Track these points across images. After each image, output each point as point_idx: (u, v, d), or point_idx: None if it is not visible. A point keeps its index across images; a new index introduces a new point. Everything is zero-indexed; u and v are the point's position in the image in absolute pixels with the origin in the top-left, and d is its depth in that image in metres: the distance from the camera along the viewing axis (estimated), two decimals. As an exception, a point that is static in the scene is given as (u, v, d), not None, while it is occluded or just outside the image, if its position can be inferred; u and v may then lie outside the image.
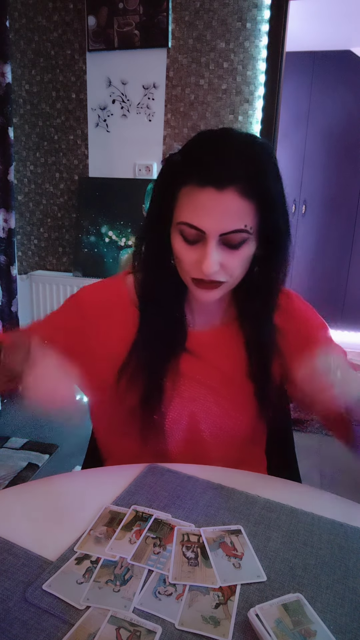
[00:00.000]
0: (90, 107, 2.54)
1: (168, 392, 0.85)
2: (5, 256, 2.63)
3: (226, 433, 0.90)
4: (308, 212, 3.82)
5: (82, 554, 0.64)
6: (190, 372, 0.86)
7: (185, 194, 0.71)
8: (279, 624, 0.54)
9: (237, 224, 0.69)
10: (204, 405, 0.88)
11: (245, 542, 0.67)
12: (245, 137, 0.73)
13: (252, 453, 0.98)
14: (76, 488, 0.78)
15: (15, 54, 2.57)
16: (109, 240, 2.55)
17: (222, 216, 0.69)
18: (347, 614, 0.57)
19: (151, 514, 0.72)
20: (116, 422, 0.89)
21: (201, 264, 0.71)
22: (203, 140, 0.73)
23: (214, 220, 0.69)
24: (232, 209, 0.69)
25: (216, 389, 0.87)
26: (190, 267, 0.74)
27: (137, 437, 0.87)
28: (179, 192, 0.72)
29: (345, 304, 3.89)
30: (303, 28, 2.76)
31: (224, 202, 0.68)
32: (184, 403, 0.87)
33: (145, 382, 0.84)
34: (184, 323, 0.87)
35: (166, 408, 0.86)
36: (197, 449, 0.90)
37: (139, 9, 2.31)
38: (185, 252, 0.74)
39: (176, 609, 0.56)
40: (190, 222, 0.70)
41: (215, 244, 0.70)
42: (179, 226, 0.72)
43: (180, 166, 0.72)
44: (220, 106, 2.34)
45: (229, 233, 0.70)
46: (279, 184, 0.74)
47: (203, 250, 0.71)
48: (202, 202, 0.69)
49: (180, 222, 0.72)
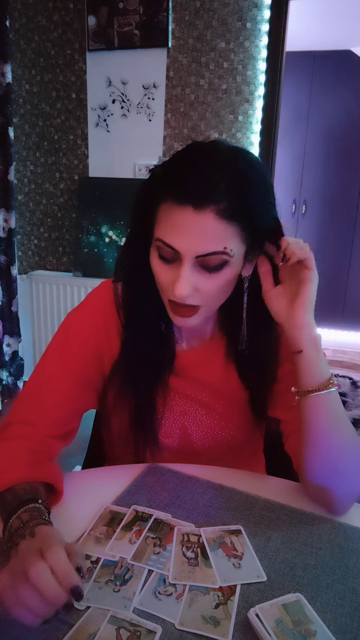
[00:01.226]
0: (90, 107, 2.54)
1: (159, 407, 0.85)
2: (5, 256, 2.62)
3: (219, 443, 0.89)
4: (308, 212, 3.82)
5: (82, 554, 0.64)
6: (179, 388, 0.85)
7: (164, 210, 0.67)
8: (279, 624, 0.54)
9: (215, 246, 0.65)
10: (194, 418, 0.87)
11: (245, 542, 0.67)
12: (230, 151, 0.68)
13: (248, 458, 0.98)
14: (76, 488, 0.78)
15: (15, 53, 2.57)
16: (109, 240, 2.54)
17: (199, 237, 0.65)
18: (347, 614, 0.57)
19: (151, 514, 0.71)
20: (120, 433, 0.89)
21: (173, 286, 0.67)
22: (187, 154, 0.69)
23: (190, 241, 0.65)
24: (211, 230, 0.64)
25: (206, 402, 0.86)
26: (166, 287, 0.70)
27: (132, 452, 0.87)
28: (158, 208, 0.68)
29: (345, 304, 3.89)
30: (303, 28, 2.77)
31: (202, 223, 0.64)
32: (174, 417, 0.87)
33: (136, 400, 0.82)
34: (172, 342, 0.84)
35: (158, 423, 0.85)
36: (192, 460, 0.89)
37: (139, 8, 2.31)
38: (161, 271, 0.70)
39: (176, 609, 0.56)
40: (166, 241, 0.67)
41: (190, 266, 0.66)
42: (156, 243, 0.69)
43: (161, 180, 0.69)
44: (220, 106, 2.34)
45: (205, 255, 0.66)
46: (267, 200, 0.70)
47: (177, 273, 0.67)
48: (179, 221, 0.65)
49: (157, 238, 0.68)
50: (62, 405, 0.80)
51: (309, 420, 0.71)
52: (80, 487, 0.79)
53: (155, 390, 0.83)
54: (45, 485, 0.72)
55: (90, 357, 0.82)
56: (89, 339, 0.82)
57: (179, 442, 0.89)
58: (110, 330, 0.82)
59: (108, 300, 0.83)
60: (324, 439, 0.71)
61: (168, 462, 0.90)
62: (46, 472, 0.72)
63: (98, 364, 0.83)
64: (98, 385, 0.85)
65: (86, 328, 0.82)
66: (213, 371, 0.85)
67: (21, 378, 2.83)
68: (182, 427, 0.88)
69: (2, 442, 0.75)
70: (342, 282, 3.88)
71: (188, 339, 0.86)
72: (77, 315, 0.84)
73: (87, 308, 0.84)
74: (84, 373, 0.82)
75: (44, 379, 0.80)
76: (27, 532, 0.57)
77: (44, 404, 0.79)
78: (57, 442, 0.80)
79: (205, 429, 0.88)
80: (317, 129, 3.68)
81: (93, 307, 0.84)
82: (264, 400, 0.85)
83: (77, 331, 0.82)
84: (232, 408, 0.87)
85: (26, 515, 0.61)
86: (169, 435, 0.88)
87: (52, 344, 0.82)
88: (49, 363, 0.81)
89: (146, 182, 0.72)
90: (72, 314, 0.85)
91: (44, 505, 0.65)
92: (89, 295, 0.86)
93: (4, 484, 0.68)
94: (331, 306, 3.84)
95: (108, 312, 0.82)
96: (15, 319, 2.72)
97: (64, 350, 0.81)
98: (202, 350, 0.85)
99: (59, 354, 0.81)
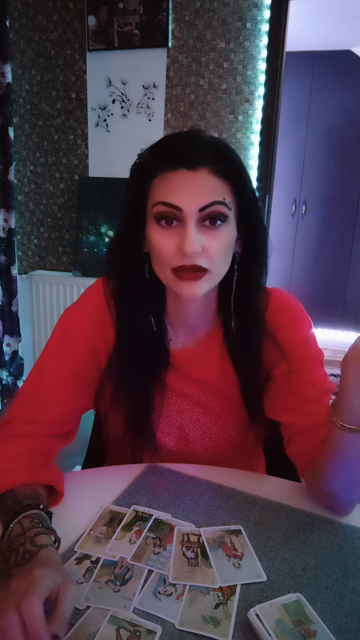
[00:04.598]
0: (90, 107, 2.54)
1: (157, 405, 0.85)
2: (5, 256, 2.62)
3: (217, 443, 0.89)
4: (308, 212, 3.82)
5: (82, 554, 0.64)
6: (176, 386, 0.85)
7: (158, 182, 0.70)
8: (279, 624, 0.54)
9: (214, 196, 0.68)
10: (191, 417, 0.87)
11: (245, 542, 0.67)
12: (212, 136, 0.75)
13: (249, 456, 0.97)
14: (76, 488, 0.78)
15: (15, 53, 2.57)
16: (108, 240, 2.54)
17: (198, 192, 0.67)
18: (347, 614, 0.57)
19: (151, 514, 0.71)
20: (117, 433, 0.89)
21: (182, 246, 0.68)
22: (170, 135, 0.75)
23: (190, 196, 0.67)
24: (208, 184, 0.68)
25: (203, 401, 0.86)
26: (169, 255, 0.70)
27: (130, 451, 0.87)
28: (152, 181, 0.71)
29: (345, 304, 3.89)
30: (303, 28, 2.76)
31: (199, 180, 0.68)
32: (172, 416, 0.87)
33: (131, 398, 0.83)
34: (165, 340, 0.84)
35: (155, 422, 0.85)
36: (190, 459, 0.89)
37: (139, 8, 2.31)
38: (162, 239, 0.70)
39: (176, 609, 0.56)
40: (167, 200, 0.68)
41: (194, 223, 0.68)
42: (155, 209, 0.70)
43: (150, 159, 0.72)
44: (220, 106, 2.34)
45: (207, 206, 0.68)
46: (248, 176, 0.74)
47: (182, 233, 0.68)
48: (176, 182, 0.68)
49: (156, 202, 0.69)
50: (62, 403, 0.80)
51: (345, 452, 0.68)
52: (80, 487, 0.79)
53: (151, 387, 0.83)
54: (45, 487, 0.72)
55: (87, 354, 0.82)
56: (86, 336, 0.82)
57: (176, 441, 0.89)
58: (106, 327, 0.82)
59: (104, 297, 0.83)
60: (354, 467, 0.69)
61: (165, 462, 0.90)
62: (47, 474, 0.72)
63: (95, 361, 0.83)
64: (95, 383, 0.85)
65: (83, 325, 0.82)
66: (209, 369, 0.85)
67: (21, 378, 2.83)
68: (180, 426, 0.88)
69: (3, 442, 0.75)
70: (342, 282, 3.88)
71: (182, 337, 0.85)
72: (74, 312, 0.84)
73: (83, 305, 0.84)
74: (82, 370, 0.82)
75: (43, 377, 0.80)
76: (27, 541, 0.58)
77: (44, 402, 0.79)
78: (57, 442, 0.80)
79: (203, 428, 0.88)
80: (317, 129, 3.67)
81: (89, 304, 0.84)
82: (258, 392, 0.84)
83: (74, 329, 0.82)
84: (229, 407, 0.87)
85: (27, 521, 0.61)
86: (166, 434, 0.88)
87: (50, 342, 0.82)
88: (48, 361, 0.81)
89: (133, 172, 0.75)
90: (69, 312, 0.85)
91: (45, 511, 0.65)
92: (85, 292, 0.86)
93: (5, 485, 0.67)
94: (331, 306, 3.84)
95: (104, 308, 0.82)
96: (15, 318, 2.72)
97: (61, 348, 0.81)
98: (197, 348, 0.85)
99: (57, 352, 0.81)
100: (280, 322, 0.82)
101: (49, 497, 0.72)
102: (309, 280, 3.83)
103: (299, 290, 0.91)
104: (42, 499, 0.68)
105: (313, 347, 0.82)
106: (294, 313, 0.84)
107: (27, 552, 0.56)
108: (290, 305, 0.85)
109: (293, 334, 0.82)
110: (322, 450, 0.72)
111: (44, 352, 0.82)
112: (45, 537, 0.59)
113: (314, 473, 0.74)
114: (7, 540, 0.60)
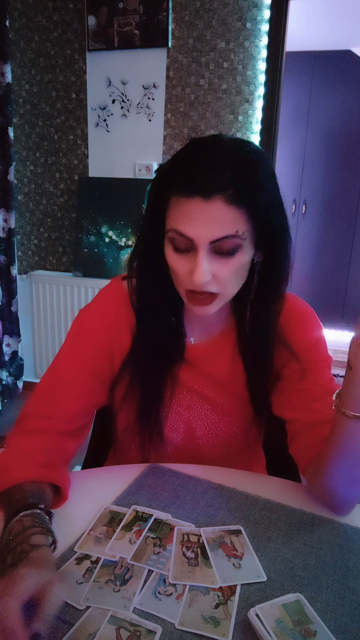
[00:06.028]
0: (90, 107, 2.54)
1: (167, 400, 0.86)
2: (5, 256, 2.63)
3: (222, 439, 0.90)
4: (308, 212, 3.82)
5: (82, 554, 0.64)
6: (187, 382, 0.86)
7: (174, 203, 0.69)
8: (279, 624, 0.53)
9: (227, 230, 0.67)
10: (200, 413, 0.88)
11: (245, 542, 0.67)
12: (233, 143, 0.70)
13: (250, 456, 0.99)
14: (76, 488, 0.78)
15: (15, 53, 2.57)
16: (109, 240, 2.54)
17: (210, 224, 0.67)
18: (347, 614, 0.57)
19: (151, 514, 0.71)
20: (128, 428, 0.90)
21: (192, 275, 0.69)
22: (190, 149, 0.71)
23: (202, 227, 0.67)
24: (221, 216, 0.66)
25: (212, 398, 0.88)
26: (183, 278, 0.72)
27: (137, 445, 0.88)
28: (169, 201, 0.70)
29: (346, 304, 3.90)
30: (303, 28, 2.77)
31: (212, 210, 0.66)
32: (180, 411, 0.88)
33: (144, 392, 0.84)
34: (182, 335, 0.85)
35: (164, 416, 0.87)
36: (195, 455, 0.91)
37: (139, 8, 2.31)
38: (176, 262, 0.72)
39: (176, 609, 0.56)
40: (179, 230, 0.68)
41: (205, 253, 0.68)
42: (169, 234, 0.71)
43: (169, 175, 0.71)
44: (220, 106, 2.34)
45: (219, 240, 0.67)
46: (272, 186, 0.71)
47: (194, 260, 0.69)
48: (190, 211, 0.67)
49: (170, 229, 0.70)
50: (76, 399, 0.81)
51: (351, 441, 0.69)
52: (80, 487, 0.79)
53: (164, 382, 0.84)
54: (52, 487, 0.73)
55: (101, 352, 0.84)
56: (101, 335, 0.83)
57: (183, 436, 0.89)
58: (121, 327, 0.84)
59: (119, 297, 0.85)
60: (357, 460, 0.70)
61: (170, 457, 0.90)
62: (56, 474, 0.74)
63: (109, 359, 0.85)
64: (109, 381, 0.86)
65: (96, 324, 0.84)
66: (220, 365, 0.86)
67: (21, 378, 2.83)
68: (187, 422, 0.89)
69: (19, 436, 0.77)
70: (342, 282, 3.88)
71: (197, 333, 0.87)
72: (88, 312, 0.86)
73: (97, 305, 0.86)
74: (96, 368, 0.83)
75: (58, 375, 0.82)
76: (24, 540, 0.58)
77: (59, 398, 0.81)
78: (70, 441, 0.81)
79: (209, 425, 0.89)
80: (317, 128, 3.68)
81: (103, 304, 0.86)
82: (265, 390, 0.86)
83: (89, 328, 0.84)
84: (235, 403, 0.88)
85: (28, 520, 0.62)
86: (174, 429, 0.89)
87: (66, 341, 0.85)
88: (63, 359, 0.83)
89: (156, 178, 0.75)
90: (83, 312, 0.87)
91: (46, 511, 0.66)
92: (100, 292, 0.88)
93: (15, 479, 0.69)
94: (331, 306, 3.84)
95: (119, 308, 0.84)
96: (15, 319, 2.72)
97: (76, 347, 0.83)
98: (210, 344, 0.87)
99: (71, 351, 0.83)
100: (294, 325, 0.84)
101: (53, 497, 0.73)
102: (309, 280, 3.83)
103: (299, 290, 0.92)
104: (46, 499, 0.69)
105: (323, 351, 0.84)
106: (307, 317, 0.86)
107: (22, 552, 0.57)
108: (304, 310, 0.87)
109: (304, 336, 0.84)
110: (325, 445, 0.73)
111: (60, 351, 0.84)
112: (41, 537, 0.60)
113: (316, 470, 0.75)
114: (6, 537, 0.60)
